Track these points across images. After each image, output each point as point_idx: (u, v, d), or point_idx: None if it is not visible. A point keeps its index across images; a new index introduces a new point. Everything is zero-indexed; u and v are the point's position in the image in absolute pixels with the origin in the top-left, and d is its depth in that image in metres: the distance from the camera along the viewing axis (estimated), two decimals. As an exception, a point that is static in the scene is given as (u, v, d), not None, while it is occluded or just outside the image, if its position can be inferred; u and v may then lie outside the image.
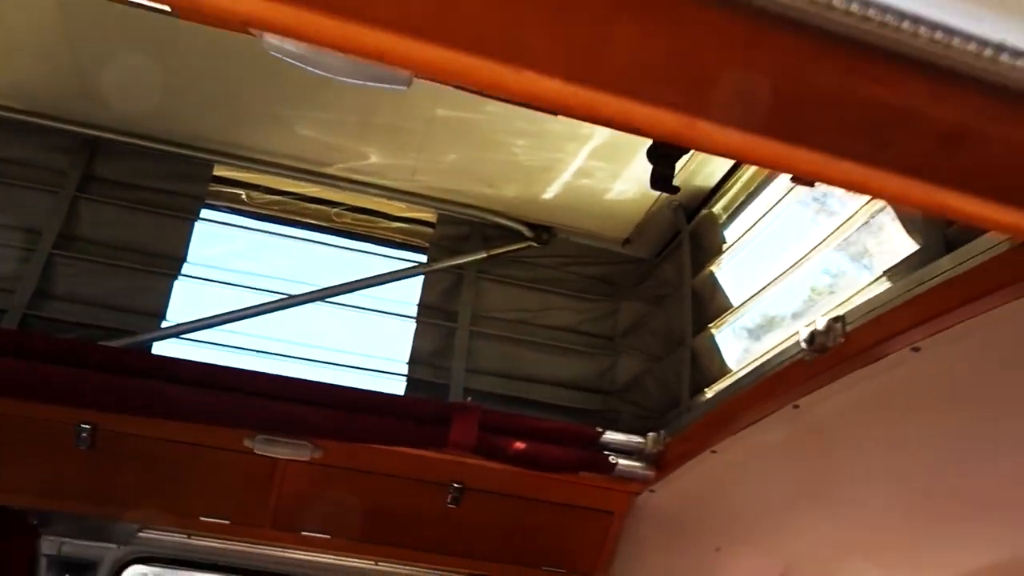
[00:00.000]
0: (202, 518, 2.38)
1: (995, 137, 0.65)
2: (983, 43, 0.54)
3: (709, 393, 2.22)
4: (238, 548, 2.45)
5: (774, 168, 1.05)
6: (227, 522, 2.39)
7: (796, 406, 1.83)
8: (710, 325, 2.34)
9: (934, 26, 0.53)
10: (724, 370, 2.25)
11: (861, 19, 0.53)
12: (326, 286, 2.58)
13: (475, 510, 2.41)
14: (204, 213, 2.55)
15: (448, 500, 2.38)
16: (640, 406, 2.53)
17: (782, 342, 1.97)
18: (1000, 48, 0.54)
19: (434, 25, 0.51)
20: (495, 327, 2.61)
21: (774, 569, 2.66)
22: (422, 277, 2.65)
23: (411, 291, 2.66)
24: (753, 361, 2.07)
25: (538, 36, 0.53)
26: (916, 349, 1.52)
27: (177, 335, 2.40)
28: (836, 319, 1.67)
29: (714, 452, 2.16)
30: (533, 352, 2.62)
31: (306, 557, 2.49)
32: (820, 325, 1.69)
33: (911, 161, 0.68)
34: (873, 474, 2.04)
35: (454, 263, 2.63)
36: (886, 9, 0.53)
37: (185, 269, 2.47)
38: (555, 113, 0.77)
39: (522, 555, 2.54)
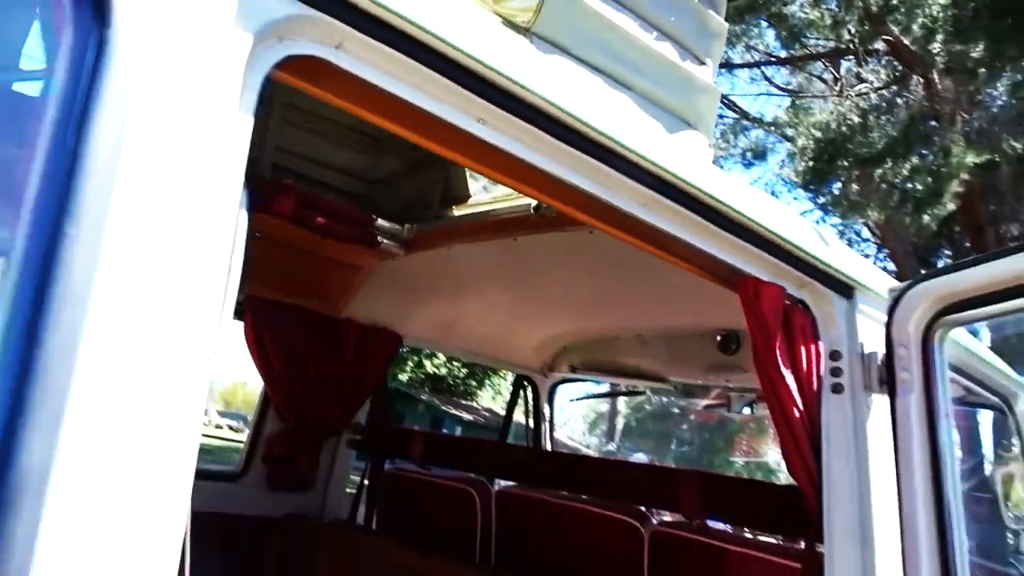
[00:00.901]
0: None
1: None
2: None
3: (455, 211, 3.40)
4: None
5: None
6: None
7: (515, 239, 3.11)
8: (465, 160, 3.46)
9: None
10: (467, 196, 3.43)
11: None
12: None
13: (264, 251, 3.38)
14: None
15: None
16: (403, 200, 3.61)
17: (519, 196, 3.19)
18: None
19: None
20: (300, 118, 3.41)
21: (449, 317, 4.13)
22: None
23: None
24: (494, 201, 3.28)
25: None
26: (591, 231, 2.85)
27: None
28: (554, 200, 2.92)
29: (448, 248, 3.39)
30: (327, 143, 3.50)
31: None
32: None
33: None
34: (543, 283, 3.49)
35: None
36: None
37: None
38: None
39: (290, 286, 3.61)
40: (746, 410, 4.68)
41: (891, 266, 20.10)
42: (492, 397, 23.59)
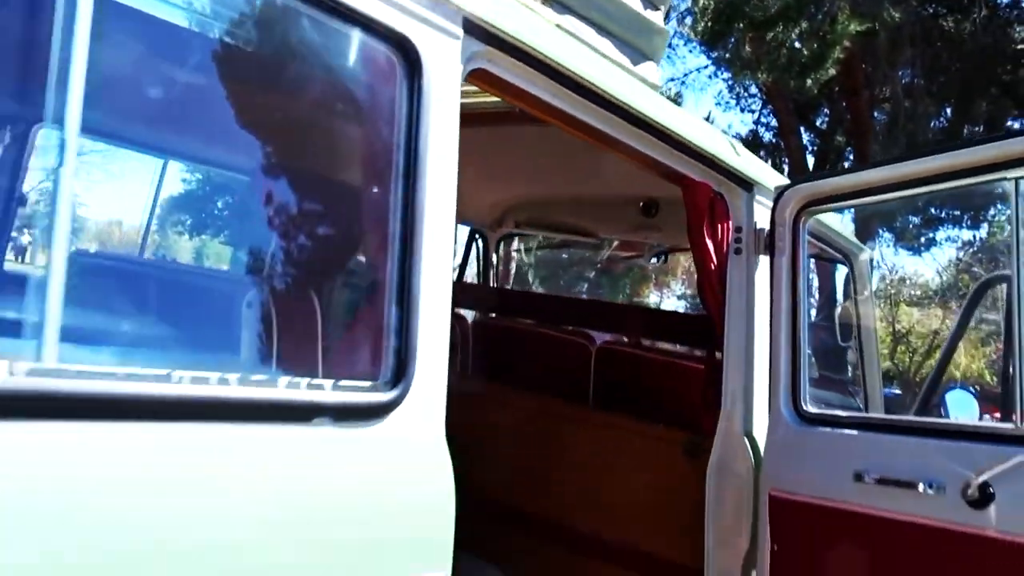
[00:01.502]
0: None
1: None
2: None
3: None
4: None
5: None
6: None
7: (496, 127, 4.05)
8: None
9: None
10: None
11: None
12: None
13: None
14: None
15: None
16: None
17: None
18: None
19: None
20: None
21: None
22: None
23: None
24: (475, 94, 4.18)
25: None
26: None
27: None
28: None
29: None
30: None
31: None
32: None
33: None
34: (505, 160, 4.47)
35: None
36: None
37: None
38: None
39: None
40: (653, 260, 5.92)
41: (774, 121, 21.83)
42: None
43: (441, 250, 1.87)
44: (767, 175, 3.34)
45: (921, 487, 2.42)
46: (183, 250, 1.99)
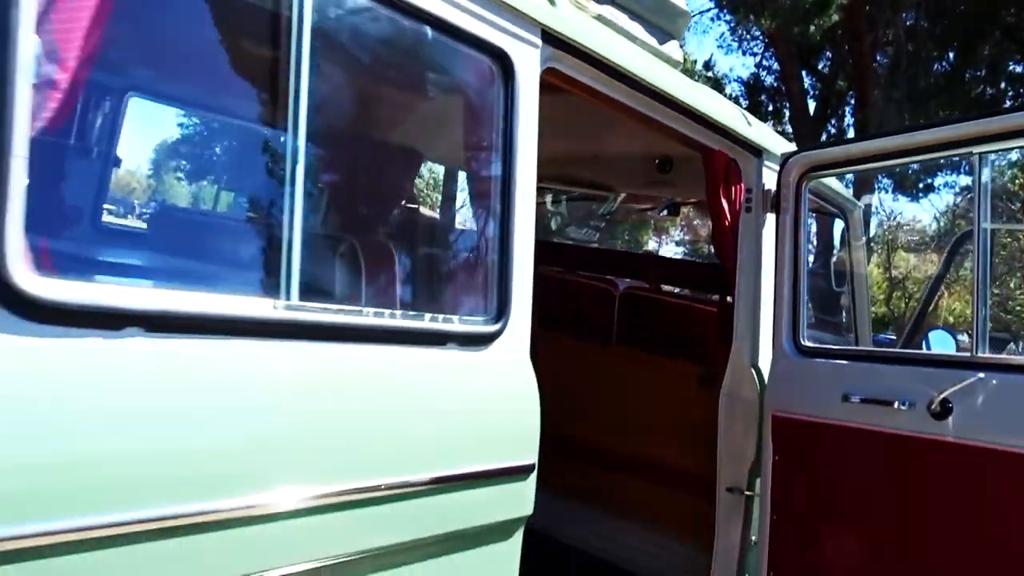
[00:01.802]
0: None
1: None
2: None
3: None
4: None
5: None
6: None
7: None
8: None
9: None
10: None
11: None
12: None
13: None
14: None
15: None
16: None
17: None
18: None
19: None
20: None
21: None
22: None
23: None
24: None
25: None
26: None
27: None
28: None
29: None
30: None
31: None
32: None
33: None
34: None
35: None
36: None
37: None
38: None
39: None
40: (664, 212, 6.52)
41: (776, 65, 22.22)
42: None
43: (527, 214, 2.48)
44: (774, 143, 3.94)
45: (896, 404, 3.08)
46: (371, 226, 2.64)
